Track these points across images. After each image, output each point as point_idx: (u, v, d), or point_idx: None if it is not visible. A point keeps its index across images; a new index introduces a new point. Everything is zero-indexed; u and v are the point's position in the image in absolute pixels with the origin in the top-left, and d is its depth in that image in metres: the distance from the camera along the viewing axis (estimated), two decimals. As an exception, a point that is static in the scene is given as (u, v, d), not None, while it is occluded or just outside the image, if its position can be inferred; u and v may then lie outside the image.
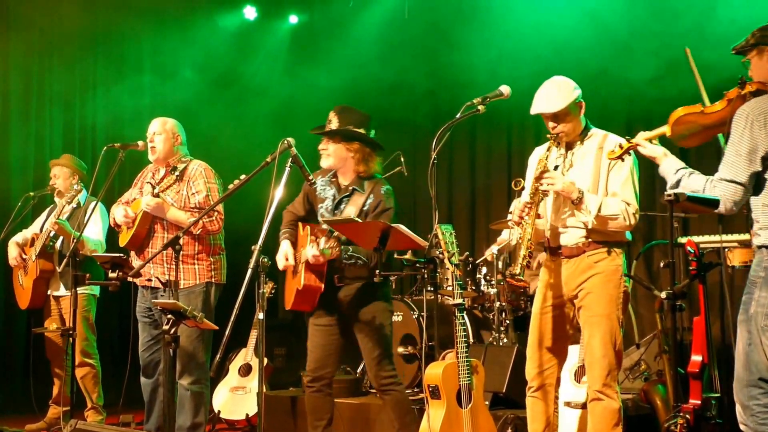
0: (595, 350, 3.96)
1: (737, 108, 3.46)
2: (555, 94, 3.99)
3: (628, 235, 4.07)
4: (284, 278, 4.82)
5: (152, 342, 5.15)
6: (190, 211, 5.05)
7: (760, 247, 3.44)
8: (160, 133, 5.17)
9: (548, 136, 4.07)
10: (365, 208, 4.57)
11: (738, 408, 3.44)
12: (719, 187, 3.40)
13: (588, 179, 4.00)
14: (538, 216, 3.99)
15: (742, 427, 3.44)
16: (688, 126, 3.61)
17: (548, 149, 4.09)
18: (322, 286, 4.49)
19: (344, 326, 4.61)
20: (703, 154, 5.88)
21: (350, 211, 4.56)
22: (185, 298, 4.91)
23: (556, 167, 4.07)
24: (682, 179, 3.47)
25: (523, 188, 4.09)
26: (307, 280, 4.46)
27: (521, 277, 3.92)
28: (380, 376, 4.54)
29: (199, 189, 5.09)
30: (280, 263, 4.58)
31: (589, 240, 3.98)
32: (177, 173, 5.09)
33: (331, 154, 4.64)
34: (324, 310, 4.60)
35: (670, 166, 3.53)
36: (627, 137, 3.63)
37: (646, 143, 3.67)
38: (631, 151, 3.84)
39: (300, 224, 4.71)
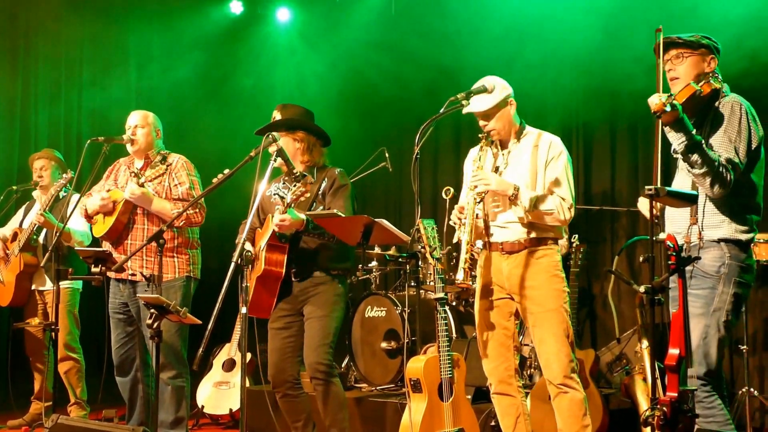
0: (550, 346, 4.03)
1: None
2: (485, 94, 4.11)
3: (563, 233, 4.19)
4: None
5: (126, 339, 5.10)
6: (173, 202, 5.04)
7: (719, 240, 3.55)
8: (143, 126, 5.17)
9: (480, 135, 4.19)
10: (320, 192, 4.55)
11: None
12: (729, 166, 3.48)
13: (525, 176, 4.10)
14: (477, 217, 4.08)
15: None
16: (686, 103, 3.58)
17: (481, 149, 4.21)
18: (283, 271, 4.43)
19: (301, 324, 4.59)
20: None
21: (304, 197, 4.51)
22: (164, 293, 4.91)
23: (497, 168, 4.17)
24: (702, 144, 3.46)
25: (453, 196, 4.16)
26: (268, 263, 4.41)
27: (464, 281, 3.96)
28: (316, 363, 4.45)
29: (182, 180, 5.09)
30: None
31: (531, 236, 4.07)
32: (165, 165, 5.07)
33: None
34: (281, 311, 4.58)
35: (689, 124, 3.49)
36: (669, 94, 3.56)
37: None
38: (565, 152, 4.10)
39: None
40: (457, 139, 7.98)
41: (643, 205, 3.83)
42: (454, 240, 4.12)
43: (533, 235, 4.07)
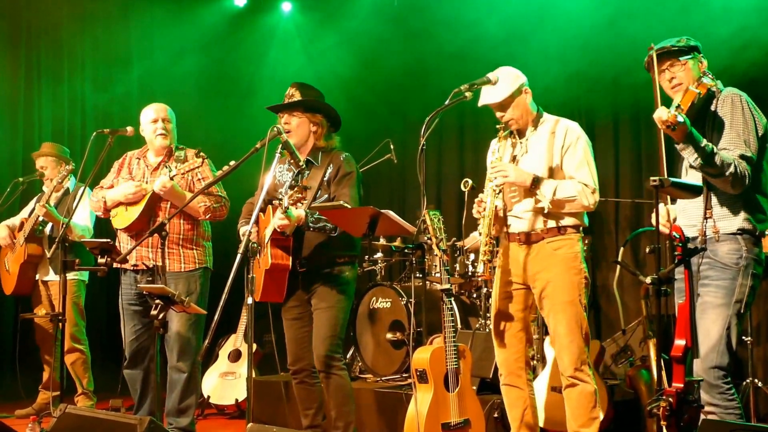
0: (562, 337, 4.04)
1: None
2: (497, 85, 4.11)
3: (586, 221, 4.17)
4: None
5: (142, 330, 5.08)
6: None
7: (736, 232, 3.58)
8: (170, 120, 5.17)
9: (498, 126, 4.21)
10: (326, 179, 4.52)
11: (701, 393, 3.53)
12: (744, 163, 3.52)
13: (542, 164, 4.09)
14: (496, 208, 4.09)
15: (709, 408, 3.54)
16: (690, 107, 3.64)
17: (499, 140, 4.22)
18: (289, 263, 4.43)
19: (312, 314, 4.59)
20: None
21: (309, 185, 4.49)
22: (185, 282, 4.97)
23: (514, 157, 4.17)
24: (716, 150, 3.50)
25: (472, 188, 4.16)
26: (274, 257, 4.41)
27: (484, 274, 4.00)
28: (322, 356, 4.46)
29: (205, 175, 5.08)
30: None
31: (548, 226, 4.06)
32: (201, 159, 5.01)
33: (293, 129, 4.55)
34: (292, 301, 4.60)
35: (698, 135, 3.52)
36: (677, 105, 3.55)
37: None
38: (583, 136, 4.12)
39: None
40: (461, 131, 7.99)
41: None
42: (477, 233, 4.13)
43: (551, 224, 4.06)
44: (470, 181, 4.20)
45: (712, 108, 3.68)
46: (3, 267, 6.43)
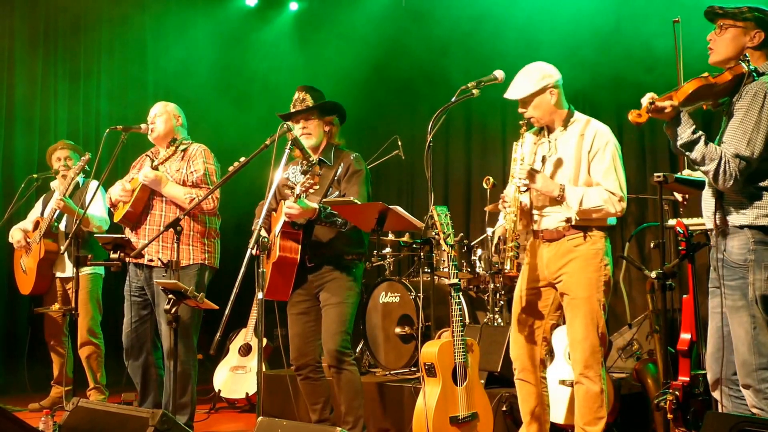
0: (576, 333, 4.03)
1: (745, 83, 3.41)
2: (522, 81, 4.12)
3: (612, 220, 4.12)
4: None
5: (138, 322, 5.14)
6: (189, 187, 5.12)
7: (741, 227, 3.40)
8: (161, 114, 5.26)
9: (521, 122, 4.20)
10: (336, 177, 4.60)
11: (747, 393, 3.41)
12: (733, 163, 3.33)
13: (570, 166, 4.06)
14: (521, 207, 4.09)
15: (754, 410, 3.39)
16: (693, 94, 3.41)
17: (521, 136, 4.19)
18: (297, 257, 4.47)
19: (319, 309, 4.63)
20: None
21: (321, 183, 4.56)
22: (178, 278, 4.99)
23: (543, 158, 4.15)
24: (700, 141, 3.33)
25: (493, 185, 4.17)
26: (283, 249, 4.46)
27: (511, 271, 4.02)
28: (333, 351, 4.49)
29: (197, 167, 5.15)
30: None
31: (569, 224, 4.04)
32: (176, 145, 5.13)
33: (312, 132, 4.63)
34: (299, 296, 4.64)
35: (687, 122, 3.35)
36: (650, 100, 3.34)
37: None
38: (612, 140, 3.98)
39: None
40: (467, 127, 8.03)
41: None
42: (498, 230, 4.14)
43: (573, 222, 4.04)
44: (491, 179, 4.22)
45: (735, 97, 3.43)
46: (18, 268, 6.48)
